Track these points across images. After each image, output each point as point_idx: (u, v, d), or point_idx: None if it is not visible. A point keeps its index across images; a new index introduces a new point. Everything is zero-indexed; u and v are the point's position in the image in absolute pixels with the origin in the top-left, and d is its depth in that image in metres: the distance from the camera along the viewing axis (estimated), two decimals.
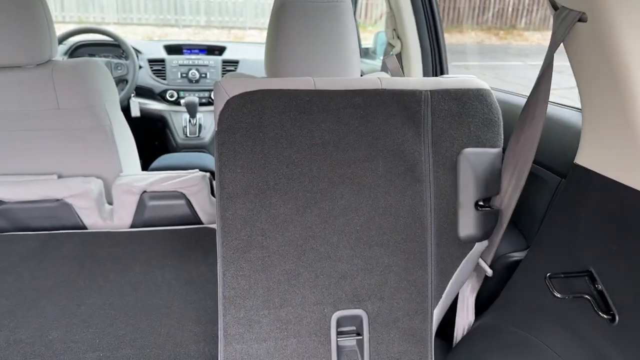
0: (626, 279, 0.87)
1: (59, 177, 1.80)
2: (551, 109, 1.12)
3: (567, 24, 0.89)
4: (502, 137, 1.23)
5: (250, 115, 1.13)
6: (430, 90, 1.19)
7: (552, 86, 1.04)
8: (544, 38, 11.23)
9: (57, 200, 1.73)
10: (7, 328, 1.31)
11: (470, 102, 1.20)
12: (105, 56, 2.91)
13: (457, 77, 1.26)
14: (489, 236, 1.27)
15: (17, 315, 1.35)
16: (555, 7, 0.94)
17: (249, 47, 3.41)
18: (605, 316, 0.89)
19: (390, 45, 2.05)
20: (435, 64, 2.00)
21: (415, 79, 1.25)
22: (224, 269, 1.17)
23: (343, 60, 1.47)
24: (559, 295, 0.94)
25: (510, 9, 12.09)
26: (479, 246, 1.26)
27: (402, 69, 2.08)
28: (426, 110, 1.18)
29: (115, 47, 2.92)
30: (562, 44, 0.95)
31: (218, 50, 3.23)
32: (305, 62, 1.43)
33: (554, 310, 1.00)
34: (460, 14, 11.80)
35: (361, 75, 1.63)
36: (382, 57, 2.49)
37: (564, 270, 0.99)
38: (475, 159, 1.20)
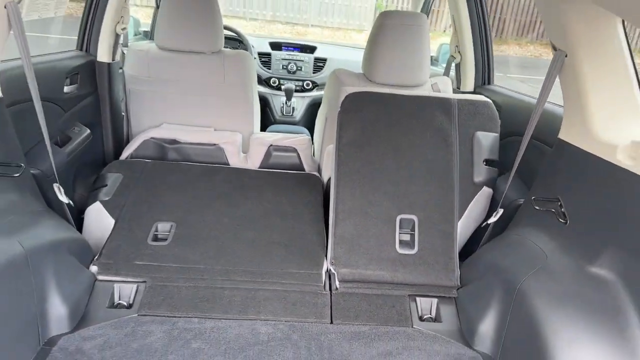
0: (575, 200, 1.58)
1: (215, 130, 2.62)
2: (547, 106, 1.84)
3: (561, 59, 1.59)
4: (499, 127, 2.10)
5: (357, 103, 2.03)
6: (457, 99, 2.10)
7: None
8: None
9: (214, 144, 2.54)
10: (197, 214, 2.12)
11: (480, 107, 2.09)
12: (233, 47, 3.68)
13: (473, 95, 2.22)
14: (493, 183, 2.08)
15: (202, 207, 2.16)
16: (554, 48, 1.63)
17: (334, 47, 4.19)
18: (562, 220, 1.60)
19: (452, 57, 2.77)
20: (485, 73, 2.71)
21: (449, 94, 2.27)
22: (337, 181, 1.99)
23: (419, 67, 2.28)
24: (537, 208, 1.66)
25: None
26: (486, 189, 2.07)
27: (460, 76, 2.79)
28: (454, 109, 2.08)
29: (235, 41, 3.73)
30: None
31: (309, 49, 4.00)
32: (392, 66, 2.26)
33: (536, 220, 1.71)
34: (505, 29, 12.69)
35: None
36: (443, 65, 3.22)
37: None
38: (482, 137, 2.08)
